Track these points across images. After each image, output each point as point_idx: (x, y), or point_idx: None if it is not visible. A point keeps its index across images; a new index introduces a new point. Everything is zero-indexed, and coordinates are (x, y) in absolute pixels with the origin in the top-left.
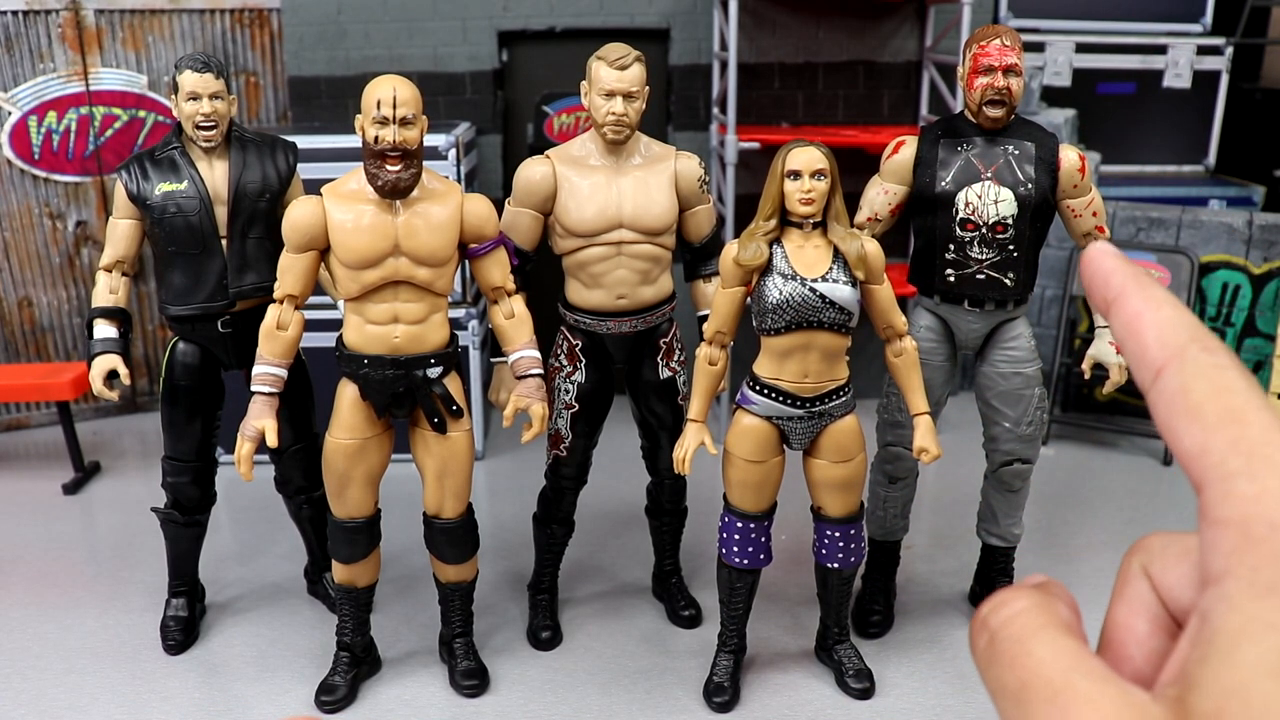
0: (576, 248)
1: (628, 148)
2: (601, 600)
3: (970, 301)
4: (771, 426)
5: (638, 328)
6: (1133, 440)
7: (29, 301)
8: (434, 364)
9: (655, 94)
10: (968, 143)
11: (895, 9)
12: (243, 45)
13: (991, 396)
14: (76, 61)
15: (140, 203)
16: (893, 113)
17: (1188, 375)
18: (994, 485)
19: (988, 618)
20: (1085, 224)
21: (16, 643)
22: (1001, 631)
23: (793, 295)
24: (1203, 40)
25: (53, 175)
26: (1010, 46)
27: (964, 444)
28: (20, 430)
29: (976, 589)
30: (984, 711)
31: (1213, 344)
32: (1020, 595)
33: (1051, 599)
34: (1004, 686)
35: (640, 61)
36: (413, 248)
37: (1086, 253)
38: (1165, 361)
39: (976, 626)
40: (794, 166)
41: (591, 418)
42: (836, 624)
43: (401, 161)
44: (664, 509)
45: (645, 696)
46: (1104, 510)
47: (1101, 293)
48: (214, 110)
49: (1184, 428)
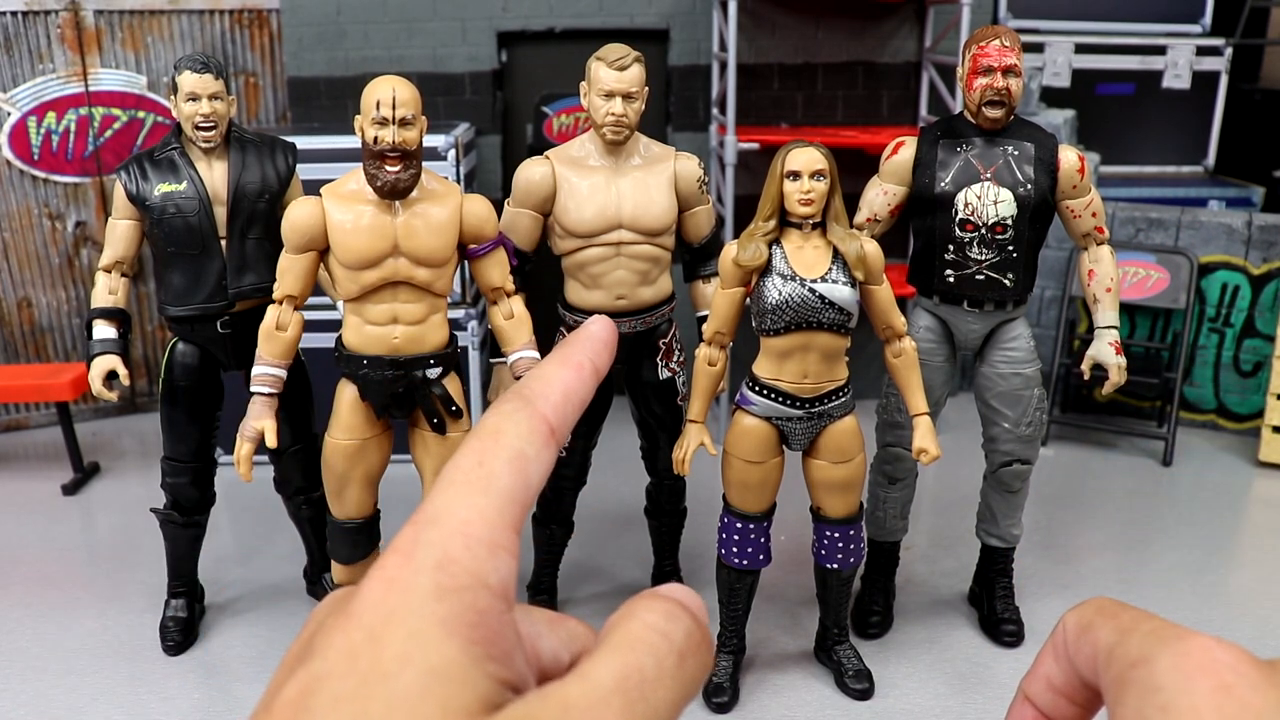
0: (576, 248)
1: (627, 148)
2: (601, 601)
3: (969, 302)
4: (771, 427)
5: (637, 328)
6: (1132, 441)
7: (28, 302)
8: (433, 365)
9: (654, 95)
10: (967, 143)
11: (895, 9)
12: (242, 46)
13: (991, 397)
14: (76, 62)
15: (139, 203)
16: (892, 113)
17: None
18: (993, 486)
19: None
20: (1084, 225)
21: (16, 643)
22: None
23: (792, 296)
24: (1202, 41)
25: (52, 176)
26: (1009, 47)
27: (963, 445)
28: (19, 431)
29: (975, 590)
30: (983, 711)
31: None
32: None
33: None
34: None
35: (639, 62)
36: (412, 248)
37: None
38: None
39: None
40: (793, 167)
41: (591, 418)
42: (836, 624)
43: (401, 162)
44: (663, 509)
45: None
46: (1103, 511)
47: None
48: (213, 111)
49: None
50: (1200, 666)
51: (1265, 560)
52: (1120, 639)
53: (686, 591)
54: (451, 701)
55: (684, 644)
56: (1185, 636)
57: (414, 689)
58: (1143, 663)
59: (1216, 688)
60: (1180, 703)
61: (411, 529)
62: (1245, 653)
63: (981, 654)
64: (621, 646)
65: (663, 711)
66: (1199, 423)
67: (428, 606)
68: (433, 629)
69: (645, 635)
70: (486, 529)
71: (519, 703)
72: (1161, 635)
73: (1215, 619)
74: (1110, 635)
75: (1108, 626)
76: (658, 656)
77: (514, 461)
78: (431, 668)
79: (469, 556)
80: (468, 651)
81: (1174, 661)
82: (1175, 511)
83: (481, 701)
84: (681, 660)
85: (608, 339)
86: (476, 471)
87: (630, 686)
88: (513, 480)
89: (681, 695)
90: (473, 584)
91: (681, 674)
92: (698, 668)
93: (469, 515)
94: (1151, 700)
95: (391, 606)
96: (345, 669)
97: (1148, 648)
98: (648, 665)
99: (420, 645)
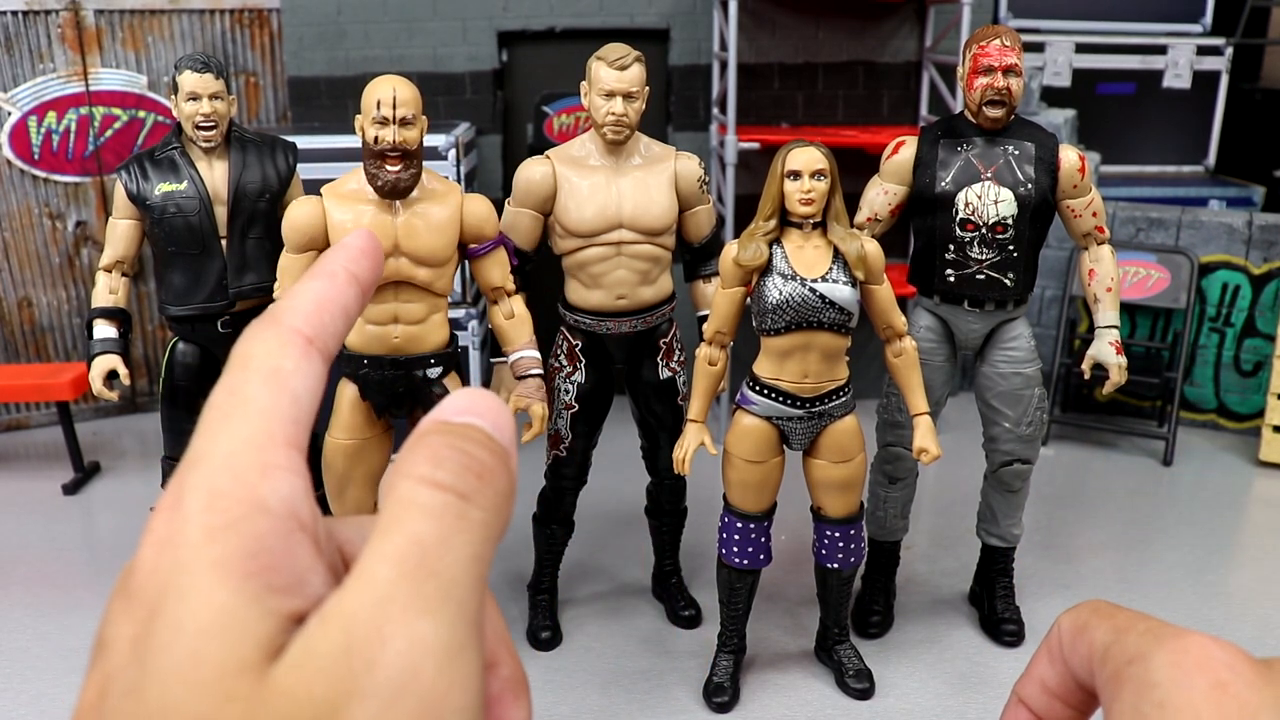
0: (576, 248)
1: (627, 148)
2: (601, 600)
3: (970, 302)
4: (771, 427)
5: (637, 328)
6: (1132, 440)
7: (29, 302)
8: (434, 364)
9: (655, 94)
10: (967, 143)
11: (895, 9)
12: (242, 45)
13: (991, 397)
14: (76, 62)
15: (140, 203)
16: (892, 113)
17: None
18: (994, 485)
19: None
20: (1085, 224)
21: (16, 643)
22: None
23: (792, 295)
24: (1202, 40)
25: (52, 175)
26: (1010, 47)
27: (964, 444)
28: (20, 430)
29: (976, 589)
30: (984, 711)
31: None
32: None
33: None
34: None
35: (640, 62)
36: (413, 248)
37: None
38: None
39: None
40: (794, 167)
41: (591, 418)
42: (836, 624)
43: (401, 162)
44: (664, 509)
45: (645, 697)
46: (1103, 510)
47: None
48: (214, 110)
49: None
50: (1197, 664)
51: (1265, 560)
52: (1116, 638)
53: (459, 402)
54: (228, 661)
55: (460, 484)
56: (1181, 634)
57: (186, 660)
58: (1139, 660)
59: (1213, 685)
60: (1177, 699)
61: (175, 480)
62: (1241, 651)
63: (982, 653)
64: (392, 522)
65: (460, 576)
66: (1199, 422)
67: (199, 555)
68: (204, 579)
69: (413, 496)
70: (254, 453)
71: (299, 636)
72: (1158, 633)
73: (1215, 618)
74: (1106, 635)
75: (1103, 626)
76: (433, 515)
77: (269, 379)
78: (202, 629)
79: (238, 486)
80: (244, 590)
81: (1170, 659)
82: (1176, 511)
83: (262, 648)
84: (464, 505)
85: (365, 246)
86: (230, 401)
87: (410, 568)
88: (272, 398)
89: (480, 544)
90: (247, 512)
91: (468, 522)
92: (490, 503)
93: (231, 446)
94: (1148, 697)
95: (164, 570)
96: (130, 657)
97: (1144, 646)
98: (425, 532)
99: (191, 604)
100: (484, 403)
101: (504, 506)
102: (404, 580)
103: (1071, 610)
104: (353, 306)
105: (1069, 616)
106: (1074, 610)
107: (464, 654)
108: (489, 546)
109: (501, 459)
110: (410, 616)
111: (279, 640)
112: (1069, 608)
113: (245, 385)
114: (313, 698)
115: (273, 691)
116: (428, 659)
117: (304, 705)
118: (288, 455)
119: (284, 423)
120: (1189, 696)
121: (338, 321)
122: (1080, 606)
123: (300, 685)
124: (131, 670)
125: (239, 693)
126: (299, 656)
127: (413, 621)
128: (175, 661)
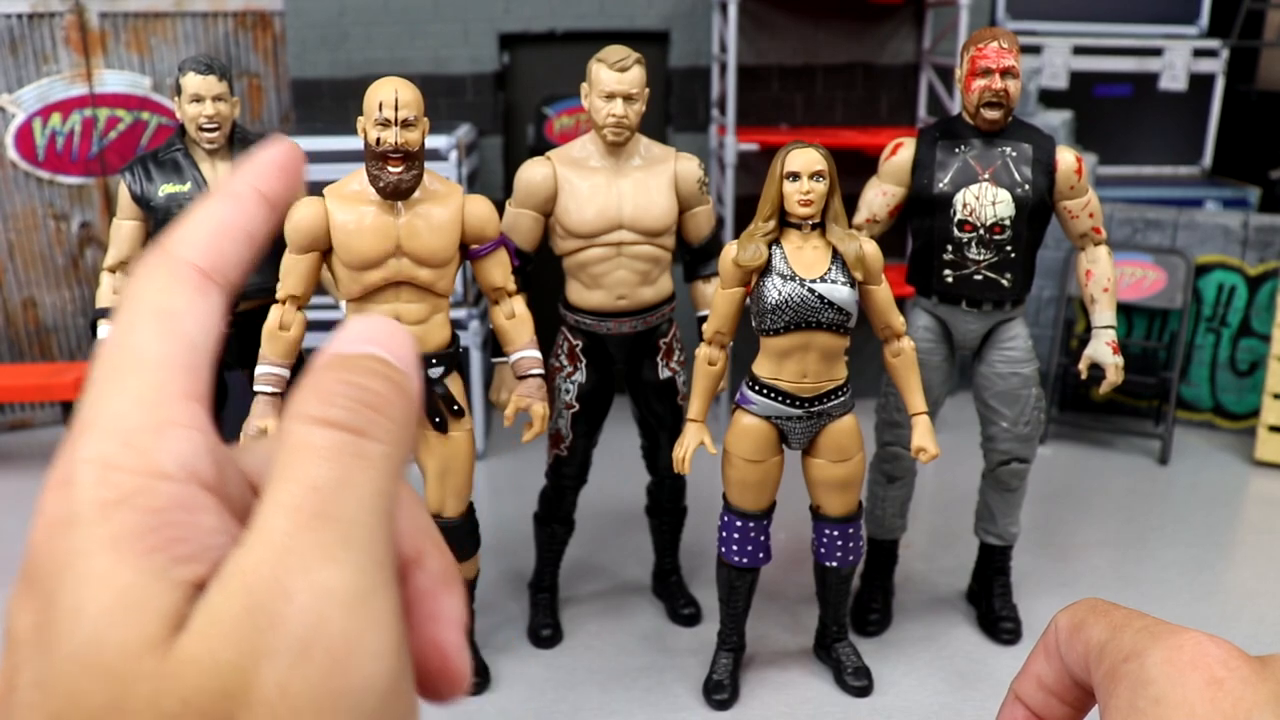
0: (577, 248)
1: (628, 149)
2: (602, 599)
3: (968, 302)
4: (770, 426)
5: (638, 328)
6: (1129, 440)
7: (33, 302)
8: (435, 364)
9: (655, 96)
10: (965, 144)
11: (893, 11)
12: (245, 48)
13: (989, 396)
14: (80, 64)
15: (144, 204)
16: (891, 114)
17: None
18: (991, 484)
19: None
20: (1082, 225)
21: None
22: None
23: (792, 296)
24: (1198, 43)
25: (57, 177)
26: (1008, 49)
27: (962, 444)
28: (24, 430)
29: (974, 587)
30: (981, 709)
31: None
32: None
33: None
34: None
35: (640, 64)
36: (414, 249)
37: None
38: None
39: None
40: (793, 168)
41: (592, 418)
42: (835, 622)
43: (403, 163)
44: (664, 508)
45: (645, 694)
46: (1101, 509)
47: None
48: (217, 112)
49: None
50: (1192, 661)
51: (1261, 558)
52: (1112, 635)
53: (353, 330)
54: (131, 641)
55: (353, 420)
56: (1177, 632)
57: (88, 646)
58: (1135, 657)
59: (1208, 681)
60: (1172, 696)
61: (66, 451)
62: (1236, 648)
63: (980, 651)
64: (286, 468)
65: (362, 516)
66: (1195, 422)
67: (94, 534)
68: (101, 560)
69: (306, 438)
70: (146, 412)
71: (201, 603)
72: (1154, 631)
73: (1211, 616)
74: (1102, 632)
75: (1100, 624)
76: (328, 457)
77: (159, 323)
78: (102, 611)
79: (131, 454)
80: (145, 567)
81: (1166, 656)
82: (1172, 510)
83: (166, 622)
84: (360, 441)
85: (281, 160)
86: (118, 354)
87: (307, 516)
88: (164, 345)
89: (381, 479)
90: (143, 483)
91: (365, 459)
92: (388, 435)
93: (120, 406)
94: (1144, 693)
95: (59, 554)
96: (34, 647)
97: (1140, 643)
98: (320, 476)
99: (90, 588)
100: (379, 327)
101: (404, 435)
102: (302, 530)
103: (1068, 608)
104: (260, 230)
105: (1066, 614)
106: (1070, 608)
107: (374, 596)
108: (391, 479)
109: (397, 386)
110: (311, 566)
111: (184, 611)
112: (1066, 606)
113: (133, 334)
114: (219, 664)
115: (179, 663)
116: (334, 607)
117: (211, 672)
118: (185, 409)
119: (178, 372)
120: (1184, 693)
121: (240, 248)
122: (1077, 604)
123: (206, 653)
124: (36, 660)
125: (145, 671)
126: (202, 624)
127: (314, 571)
128: (77, 648)
